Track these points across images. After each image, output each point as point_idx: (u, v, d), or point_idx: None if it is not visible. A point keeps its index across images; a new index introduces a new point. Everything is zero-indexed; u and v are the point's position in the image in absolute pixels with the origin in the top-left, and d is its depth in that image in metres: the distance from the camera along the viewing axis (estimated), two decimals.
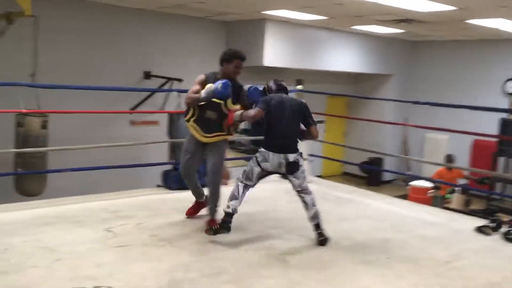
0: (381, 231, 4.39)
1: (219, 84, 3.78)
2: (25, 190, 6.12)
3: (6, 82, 4.80)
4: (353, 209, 5.16)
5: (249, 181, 3.92)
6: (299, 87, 6.44)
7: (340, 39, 10.56)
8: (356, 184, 10.70)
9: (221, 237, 3.87)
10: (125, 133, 8.05)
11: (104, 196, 4.84)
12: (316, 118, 12.47)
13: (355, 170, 12.59)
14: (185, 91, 7.22)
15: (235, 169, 9.58)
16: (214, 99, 3.87)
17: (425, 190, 7.27)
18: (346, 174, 13.09)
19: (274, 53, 9.38)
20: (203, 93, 3.86)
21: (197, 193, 4.34)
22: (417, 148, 12.38)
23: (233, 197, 3.85)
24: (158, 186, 5.66)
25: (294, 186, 3.97)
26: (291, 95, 7.27)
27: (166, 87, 8.37)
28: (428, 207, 5.66)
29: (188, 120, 4.04)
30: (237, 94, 4.01)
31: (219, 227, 3.81)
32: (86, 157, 6.71)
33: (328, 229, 4.35)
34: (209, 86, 3.86)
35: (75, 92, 6.69)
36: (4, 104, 5.53)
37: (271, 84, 4.13)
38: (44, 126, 5.99)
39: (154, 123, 8.54)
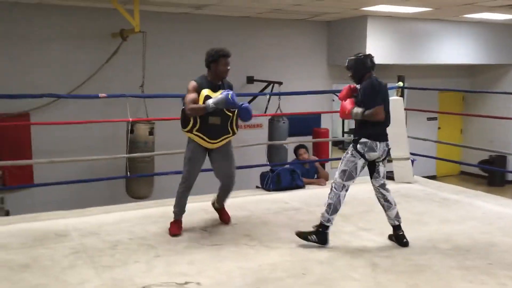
0: (486, 235, 4.07)
1: (229, 93, 3.70)
2: (135, 193, 6.69)
3: (113, 94, 5.28)
4: (459, 211, 4.83)
5: (350, 180, 3.79)
6: (399, 84, 6.18)
7: (449, 29, 9.90)
8: (474, 185, 9.97)
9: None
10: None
11: (204, 197, 5.10)
12: (428, 115, 11.93)
13: (475, 169, 11.68)
14: (284, 94, 7.44)
15: None
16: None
17: None
18: (464, 173, 12.20)
19: (377, 49, 9.08)
20: (211, 103, 3.72)
21: (182, 211, 4.12)
22: None
23: (335, 210, 3.75)
24: (257, 187, 5.82)
25: (379, 176, 3.88)
26: (391, 92, 7.09)
27: (267, 90, 8.55)
28: None
29: (189, 131, 3.89)
30: None
31: (319, 239, 3.72)
32: None
33: (425, 231, 4.18)
34: (215, 96, 3.78)
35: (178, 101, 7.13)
36: (116, 113, 6.13)
37: (368, 61, 3.85)
38: (151, 132, 6.50)
39: (259, 126, 8.79)
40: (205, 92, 3.82)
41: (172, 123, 7.46)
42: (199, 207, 4.75)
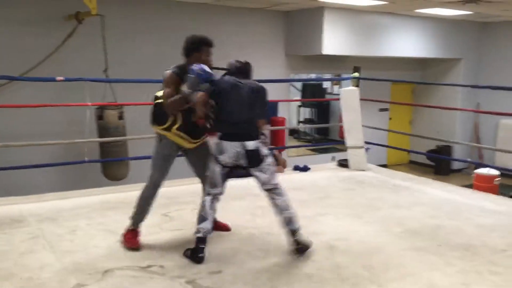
0: (435, 219, 4.30)
1: (196, 69, 3.24)
2: (111, 175, 6.74)
3: (71, 78, 5.19)
4: (409, 197, 5.07)
5: (215, 188, 3.36)
6: (355, 74, 6.37)
7: (403, 23, 10.25)
8: (422, 173, 10.41)
9: (271, 219, 3.98)
10: None
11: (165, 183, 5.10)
12: (380, 105, 12.37)
13: (423, 159, 12.20)
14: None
15: (298, 158, 9.75)
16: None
17: (491, 178, 6.95)
18: (412, 162, 12.72)
19: (333, 41, 9.30)
20: (186, 90, 3.27)
21: (143, 219, 3.60)
22: (490, 135, 11.77)
23: (202, 218, 3.31)
24: None
25: (260, 183, 3.36)
26: (347, 82, 7.27)
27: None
28: (491, 195, 5.42)
29: (167, 129, 3.41)
30: None
31: (191, 256, 3.26)
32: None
33: (379, 216, 4.38)
34: (187, 83, 3.30)
35: (144, 85, 7.05)
36: (76, 98, 6.00)
37: (232, 65, 3.47)
38: (120, 117, 6.47)
39: None
40: (187, 83, 3.34)
41: (140, 107, 7.45)
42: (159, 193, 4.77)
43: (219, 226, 3.80)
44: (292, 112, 13.02)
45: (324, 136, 13.76)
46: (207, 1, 8.44)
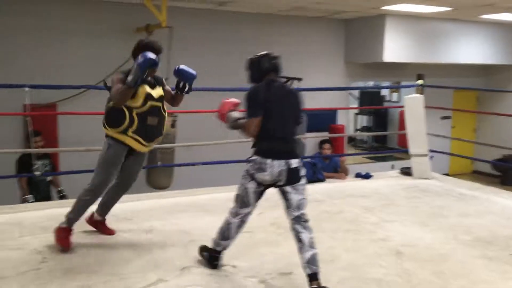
0: (507, 228, 4.22)
1: (141, 57, 3.23)
2: (155, 183, 6.91)
3: None
4: (477, 206, 4.97)
5: (245, 207, 3.12)
6: (420, 82, 6.32)
7: (466, 29, 10.01)
8: (488, 183, 10.06)
9: (337, 225, 4.05)
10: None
11: (230, 188, 5.28)
12: (442, 113, 12.11)
13: (487, 169, 11.78)
14: (306, 89, 7.60)
15: (356, 166, 9.71)
16: (153, 103, 3.45)
17: None
18: (476, 172, 12.32)
19: (395, 48, 9.24)
20: (130, 79, 3.23)
21: (78, 218, 3.61)
22: None
23: (224, 237, 3.18)
24: None
25: (291, 205, 3.02)
26: (407, 90, 7.18)
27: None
28: None
29: (123, 132, 3.38)
30: (163, 87, 3.64)
31: (208, 260, 3.26)
32: (212, 154, 7.33)
33: (446, 223, 4.33)
34: (147, 91, 3.42)
35: (204, 94, 7.33)
36: None
37: (264, 61, 3.09)
38: (173, 125, 6.71)
39: None
40: (144, 89, 3.41)
41: (195, 116, 7.74)
42: (226, 197, 4.94)
43: (104, 228, 3.83)
44: (349, 120, 12.98)
45: (382, 144, 13.60)
46: (270, 12, 8.63)
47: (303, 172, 3.06)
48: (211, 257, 3.25)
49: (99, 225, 3.84)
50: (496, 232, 4.10)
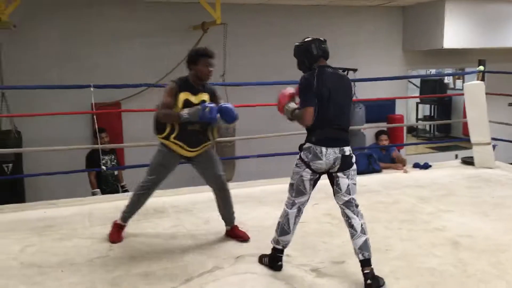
0: None
1: (206, 108, 3.34)
2: None
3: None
4: None
5: (301, 196, 3.10)
6: (480, 68, 6.10)
7: None
8: None
9: (392, 215, 4.03)
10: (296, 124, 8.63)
11: (284, 180, 5.38)
12: (509, 100, 11.47)
13: None
14: (362, 80, 7.54)
15: (418, 156, 9.49)
16: None
17: None
18: None
19: (455, 34, 8.90)
20: (186, 113, 3.37)
21: (132, 216, 3.81)
22: None
23: (284, 231, 3.15)
24: None
25: (340, 190, 3.03)
26: (471, 77, 6.93)
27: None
28: None
29: (166, 137, 3.50)
30: (212, 98, 3.60)
31: (269, 264, 3.23)
32: (270, 146, 7.45)
33: (509, 214, 4.20)
34: (195, 103, 3.45)
35: (260, 88, 7.47)
36: None
37: (313, 47, 3.10)
38: None
39: None
40: (184, 95, 3.47)
41: (253, 109, 7.90)
42: (279, 189, 5.05)
43: (237, 234, 3.76)
44: (410, 109, 12.65)
45: (445, 134, 13.15)
46: (320, 2, 8.59)
47: (354, 158, 3.07)
48: (273, 259, 3.22)
49: (233, 232, 3.80)
50: None
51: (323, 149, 2.97)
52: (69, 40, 7.55)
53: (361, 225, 2.99)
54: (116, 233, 3.75)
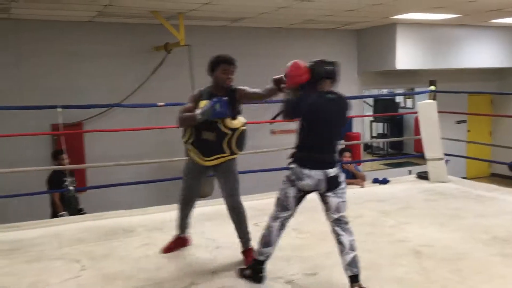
0: None
1: (216, 103, 3.35)
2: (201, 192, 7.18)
3: (170, 103, 5.71)
4: (494, 206, 5.10)
5: (285, 211, 3.19)
6: (432, 87, 6.48)
7: (477, 34, 10.14)
8: (505, 186, 10.11)
9: (357, 229, 4.21)
10: (265, 142, 8.78)
11: (253, 197, 5.50)
12: (457, 118, 12.13)
13: (505, 171, 11.79)
14: None
15: (373, 173, 9.84)
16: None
17: None
18: (494, 175, 12.33)
19: (407, 55, 9.42)
20: (198, 113, 3.41)
21: (185, 225, 3.91)
22: None
23: (266, 243, 3.21)
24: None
25: (330, 208, 3.12)
26: (421, 96, 7.33)
27: None
28: None
29: (186, 142, 3.61)
30: (233, 100, 3.54)
31: (252, 276, 3.27)
32: (242, 164, 7.55)
33: (464, 224, 4.47)
34: (204, 104, 3.43)
35: None
36: (167, 120, 6.60)
37: (316, 69, 3.13)
38: None
39: (292, 131, 9.15)
40: (203, 103, 3.47)
41: None
42: (248, 206, 5.15)
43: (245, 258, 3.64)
44: (365, 128, 13.11)
45: (398, 151, 13.70)
46: (282, 26, 8.89)
47: (342, 177, 3.14)
48: (255, 271, 3.26)
49: (243, 255, 3.69)
50: None
51: (306, 170, 3.04)
52: (30, 61, 7.45)
53: (350, 241, 3.07)
54: (171, 244, 3.88)
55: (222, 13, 7.29)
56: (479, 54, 10.32)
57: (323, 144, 3.11)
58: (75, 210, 6.37)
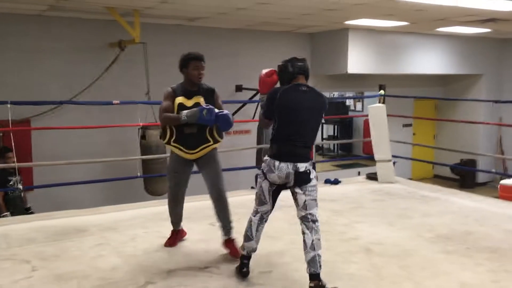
0: (464, 225, 4.61)
1: (204, 109, 3.49)
2: (153, 191, 7.13)
3: (125, 101, 5.65)
4: (438, 206, 5.37)
5: (262, 205, 3.26)
6: (381, 92, 6.73)
7: (424, 42, 10.60)
8: (448, 187, 10.61)
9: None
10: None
11: (207, 197, 5.51)
12: (404, 121, 12.56)
13: (447, 173, 12.41)
14: None
15: (324, 173, 10.08)
16: None
17: None
18: (437, 177, 12.91)
19: (358, 60, 9.70)
20: (184, 115, 3.52)
21: (179, 220, 4.04)
22: None
23: (247, 238, 3.30)
24: (252, 187, 6.25)
25: (298, 205, 3.16)
26: (371, 100, 7.59)
27: (255, 98, 9.01)
28: None
29: (168, 142, 3.71)
30: (209, 99, 3.70)
31: (237, 271, 3.38)
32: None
33: (411, 223, 4.69)
34: (187, 106, 3.60)
35: None
36: (119, 119, 6.51)
37: (289, 66, 3.24)
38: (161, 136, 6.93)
39: (247, 132, 9.24)
40: (179, 100, 3.64)
41: None
42: (204, 205, 5.18)
43: (228, 248, 3.78)
44: None
45: (347, 152, 14.10)
46: (239, 27, 8.94)
47: (312, 174, 3.16)
48: (240, 266, 3.35)
49: (225, 245, 3.79)
50: (455, 229, 4.47)
51: (277, 163, 3.11)
52: None
53: (312, 241, 3.10)
54: (171, 239, 3.99)
55: (179, 12, 7.25)
56: (426, 61, 10.79)
57: (295, 136, 3.13)
58: (22, 209, 6.17)
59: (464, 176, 12.01)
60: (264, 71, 3.44)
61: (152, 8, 6.76)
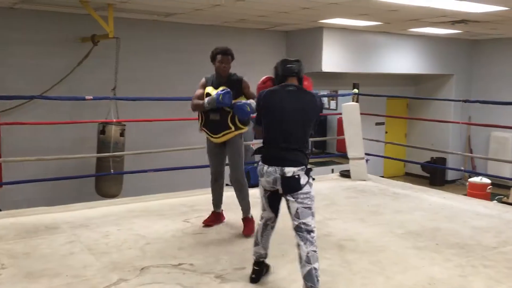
0: (433, 222, 4.71)
1: (220, 94, 3.88)
2: (104, 192, 6.94)
3: (98, 97, 5.57)
4: (409, 203, 5.47)
5: (264, 211, 3.17)
6: (355, 90, 6.81)
7: (397, 41, 10.78)
8: (418, 184, 10.84)
9: (282, 225, 4.36)
10: (193, 139, 8.77)
11: (182, 193, 5.49)
12: (376, 120, 12.77)
13: (418, 171, 12.65)
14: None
15: None
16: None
17: (484, 186, 7.38)
18: (408, 174, 13.17)
19: (332, 58, 9.80)
20: (206, 102, 3.97)
21: (218, 202, 4.41)
22: (482, 147, 12.27)
23: (255, 242, 3.24)
24: (227, 185, 6.24)
25: (291, 213, 2.97)
26: (344, 98, 7.66)
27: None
28: (484, 201, 5.85)
29: (200, 126, 4.18)
30: (236, 88, 4.02)
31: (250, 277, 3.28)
32: (161, 161, 7.50)
33: (382, 220, 4.77)
34: (211, 95, 3.96)
35: (151, 103, 7.53)
36: (90, 115, 6.40)
37: (278, 69, 3.16)
38: (122, 134, 6.80)
39: None
40: (207, 89, 4.06)
41: (142, 124, 7.85)
42: (178, 202, 5.17)
43: (243, 226, 4.23)
44: None
45: (321, 150, 14.21)
46: (215, 23, 8.91)
47: (303, 180, 2.92)
48: (251, 273, 3.26)
49: (243, 222, 4.26)
50: (425, 226, 4.57)
51: (265, 167, 2.98)
52: None
53: (307, 253, 2.89)
54: (208, 219, 4.37)
55: (155, 7, 7.18)
56: (398, 60, 10.97)
57: (281, 138, 2.98)
58: None
59: (434, 174, 12.28)
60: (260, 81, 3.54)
61: (127, 2, 6.67)
